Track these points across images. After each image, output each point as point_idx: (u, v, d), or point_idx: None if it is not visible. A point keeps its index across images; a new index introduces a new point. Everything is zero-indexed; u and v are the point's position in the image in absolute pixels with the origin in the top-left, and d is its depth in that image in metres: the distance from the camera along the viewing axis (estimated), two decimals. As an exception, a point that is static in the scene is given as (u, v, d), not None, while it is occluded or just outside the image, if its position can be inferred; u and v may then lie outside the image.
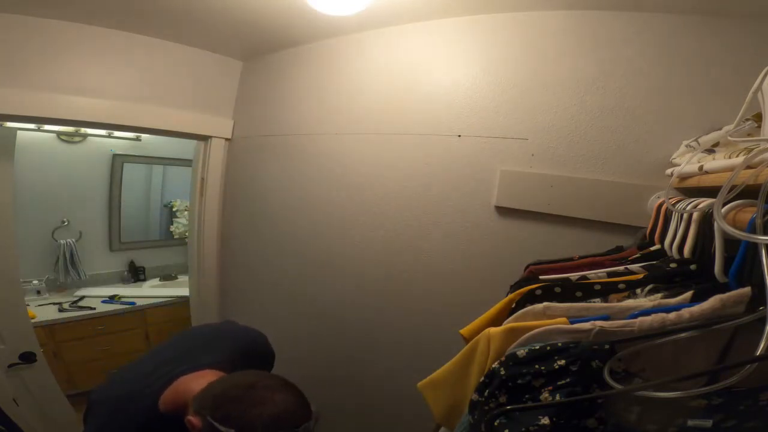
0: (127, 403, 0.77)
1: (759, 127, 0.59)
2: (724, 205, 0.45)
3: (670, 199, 0.77)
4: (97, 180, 2.83)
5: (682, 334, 0.42)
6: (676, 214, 0.66)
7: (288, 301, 1.79)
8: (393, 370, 1.48)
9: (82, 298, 2.62)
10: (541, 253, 1.09)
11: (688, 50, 1.03)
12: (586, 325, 0.48)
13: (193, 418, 0.66)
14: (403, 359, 1.45)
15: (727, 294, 0.42)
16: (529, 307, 0.58)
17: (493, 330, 0.57)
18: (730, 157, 0.60)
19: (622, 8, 1.09)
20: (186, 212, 3.15)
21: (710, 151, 0.77)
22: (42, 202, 2.59)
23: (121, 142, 2.86)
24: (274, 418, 0.63)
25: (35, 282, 2.55)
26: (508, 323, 0.57)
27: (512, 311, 0.64)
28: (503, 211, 1.25)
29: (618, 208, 1.08)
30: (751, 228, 0.40)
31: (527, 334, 0.52)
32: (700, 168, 0.68)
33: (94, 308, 2.50)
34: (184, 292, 2.59)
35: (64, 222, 2.70)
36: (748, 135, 0.61)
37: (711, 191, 0.56)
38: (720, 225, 0.41)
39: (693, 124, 0.98)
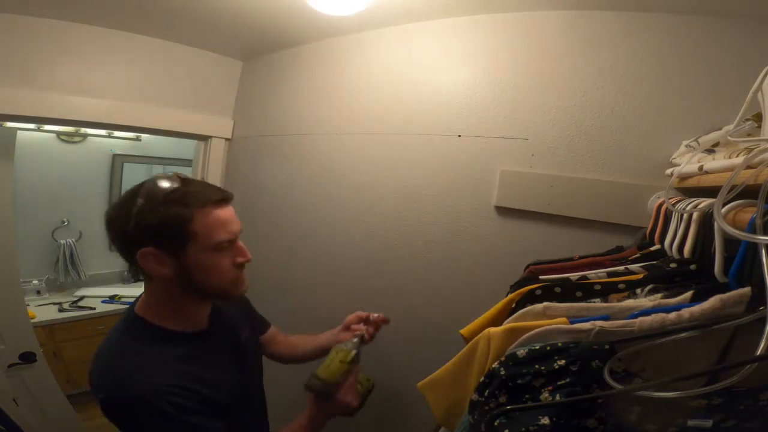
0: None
1: (759, 127, 0.59)
2: (724, 205, 0.45)
3: (670, 199, 0.76)
4: (97, 180, 2.83)
5: (682, 334, 0.42)
6: (676, 214, 0.66)
7: (287, 301, 1.78)
8: (393, 370, 1.48)
9: (82, 298, 2.62)
10: (541, 253, 1.09)
11: (688, 50, 1.03)
12: (586, 325, 0.48)
13: (143, 250, 0.68)
14: (403, 359, 1.45)
15: (727, 294, 0.42)
16: (529, 307, 0.58)
17: (493, 330, 0.57)
18: (730, 157, 0.60)
19: (623, 8, 1.09)
20: (186, 212, 3.15)
21: (710, 151, 0.77)
22: (42, 202, 2.60)
23: (121, 142, 2.87)
24: (170, 187, 0.70)
25: (35, 282, 2.55)
26: (508, 323, 0.57)
27: (512, 311, 0.64)
28: (503, 211, 1.25)
29: (618, 208, 1.07)
30: (751, 228, 0.40)
31: (527, 334, 0.52)
32: (700, 168, 0.68)
33: (94, 308, 2.51)
34: (184, 292, 2.59)
35: (64, 222, 2.70)
36: (748, 135, 0.61)
37: (711, 191, 0.56)
38: (720, 225, 0.41)
39: (693, 124, 0.98)
